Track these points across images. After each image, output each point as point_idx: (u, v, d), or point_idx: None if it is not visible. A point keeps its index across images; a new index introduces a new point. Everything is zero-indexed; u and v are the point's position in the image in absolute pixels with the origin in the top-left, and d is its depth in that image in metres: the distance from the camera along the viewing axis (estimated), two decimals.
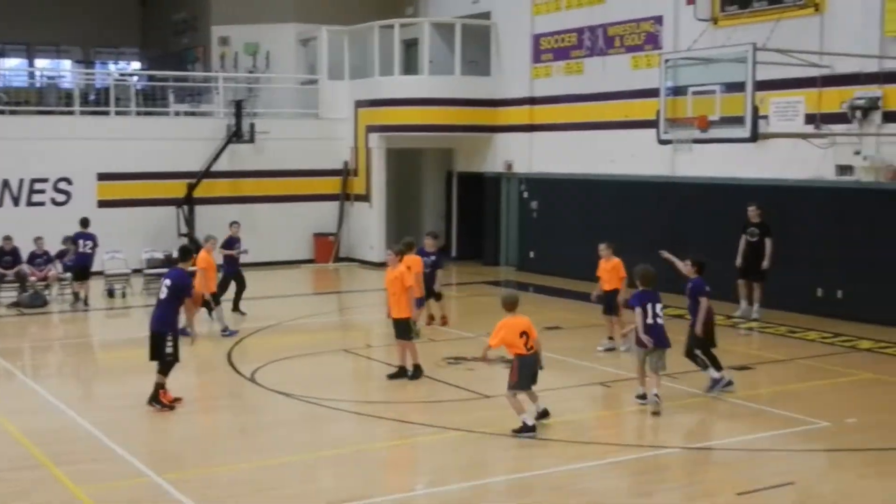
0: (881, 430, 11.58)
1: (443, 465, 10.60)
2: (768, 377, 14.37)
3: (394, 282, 13.92)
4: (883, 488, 9.64)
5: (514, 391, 11.37)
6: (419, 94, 26.98)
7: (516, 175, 26.96)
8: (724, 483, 9.93)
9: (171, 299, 12.55)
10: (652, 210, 22.49)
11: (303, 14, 30.73)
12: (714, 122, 16.76)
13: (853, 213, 18.60)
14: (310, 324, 19.36)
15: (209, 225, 26.00)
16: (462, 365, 15.01)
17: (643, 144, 21.55)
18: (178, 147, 26.33)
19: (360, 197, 28.33)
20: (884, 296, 18.01)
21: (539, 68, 26.10)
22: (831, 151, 18.70)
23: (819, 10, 18.94)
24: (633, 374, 13.72)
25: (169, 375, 12.45)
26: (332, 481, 10.14)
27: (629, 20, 23.32)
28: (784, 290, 19.22)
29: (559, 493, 9.54)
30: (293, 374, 14.82)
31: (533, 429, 11.25)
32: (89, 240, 21.37)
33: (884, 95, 17.95)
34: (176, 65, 33.83)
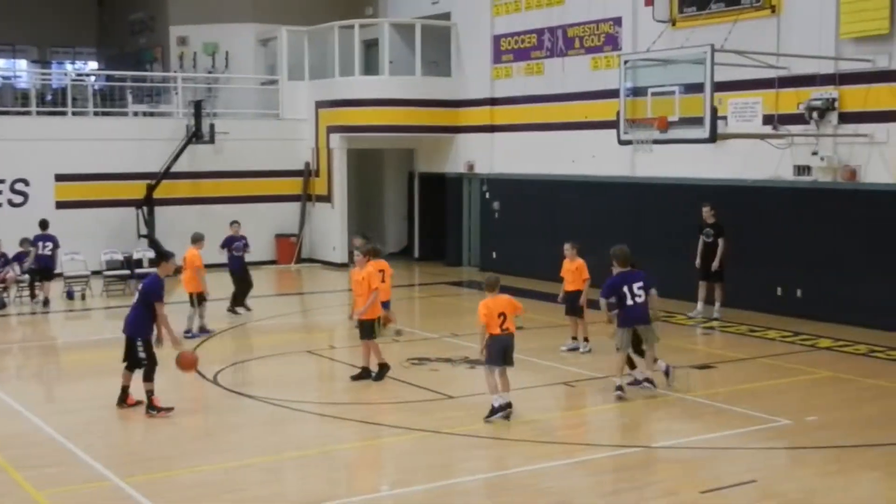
0: (841, 427, 11.72)
1: (408, 466, 10.60)
2: (730, 376, 14.49)
3: (361, 283, 13.91)
4: (844, 485, 9.76)
5: (489, 366, 11.92)
6: (380, 95, 26.97)
7: (478, 175, 27.02)
8: (687, 481, 10.01)
9: (141, 304, 12.47)
10: (612, 210, 22.62)
11: (262, 14, 30.63)
12: (673, 122, 16.92)
13: (811, 213, 18.81)
14: (273, 325, 19.29)
15: (169, 226, 25.93)
16: (426, 366, 15.03)
17: (603, 145, 21.68)
18: (137, 148, 26.14)
19: (321, 198, 28.27)
20: (843, 295, 18.23)
21: (499, 69, 26.18)
22: (789, 152, 18.90)
23: (776, 12, 19.14)
24: (597, 374, 13.84)
25: (154, 380, 12.29)
26: (297, 483, 10.12)
27: (588, 21, 23.44)
28: (744, 290, 19.41)
29: (524, 493, 9.58)
30: (256, 376, 14.79)
31: (501, 410, 11.75)
32: (49, 241, 21.19)
33: (840, 96, 18.16)
34: (134, 65, 33.58)
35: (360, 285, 13.94)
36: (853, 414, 12.36)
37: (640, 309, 12.82)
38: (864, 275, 17.91)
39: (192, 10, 31.27)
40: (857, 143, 17.99)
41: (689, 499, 9.44)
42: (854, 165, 18.10)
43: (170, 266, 13.18)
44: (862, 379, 14.17)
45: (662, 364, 13.40)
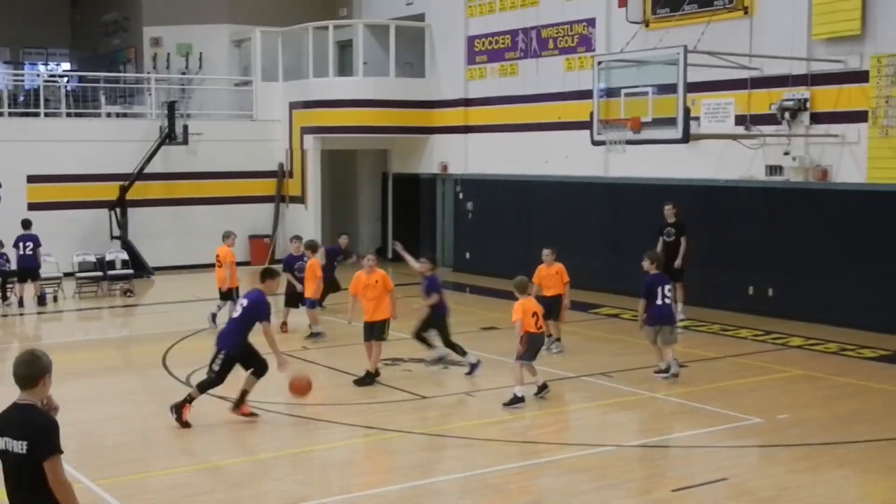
0: (812, 425, 11.79)
1: (381, 467, 10.60)
2: (702, 375, 14.54)
3: (374, 286, 13.89)
4: (815, 482, 9.82)
5: (521, 361, 12.69)
6: (354, 96, 26.95)
7: (452, 176, 27.04)
8: (659, 480, 10.06)
9: (242, 319, 12.06)
10: (586, 210, 22.68)
11: (236, 15, 30.54)
12: (646, 123, 16.99)
13: (783, 213, 18.92)
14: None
15: (142, 227, 25.85)
16: (399, 366, 15.01)
17: (577, 145, 21.75)
18: (110, 149, 26.01)
19: (295, 199, 28.22)
20: (814, 294, 18.36)
21: (473, 70, 26.21)
22: (761, 152, 19.01)
23: (748, 13, 19.24)
24: (570, 374, 13.90)
25: (203, 393, 12.01)
26: (270, 484, 10.08)
27: (562, 22, 23.49)
28: (716, 289, 19.51)
29: (497, 493, 9.60)
30: (229, 377, 14.68)
31: (522, 399, 12.56)
32: (30, 241, 21.05)
33: (811, 97, 18.29)
34: (107, 66, 33.41)
35: (374, 288, 13.90)
36: (824, 412, 12.43)
37: (668, 309, 14.08)
38: (835, 274, 18.03)
39: (165, 11, 31.14)
40: (829, 143, 18.11)
41: (660, 497, 9.48)
42: (826, 165, 18.23)
43: (275, 284, 12.55)
44: (833, 377, 14.26)
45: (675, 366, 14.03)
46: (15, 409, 5.90)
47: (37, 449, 5.75)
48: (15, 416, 5.87)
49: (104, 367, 15.69)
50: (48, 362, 5.95)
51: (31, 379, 5.88)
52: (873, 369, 14.81)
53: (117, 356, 17.07)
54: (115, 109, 29.18)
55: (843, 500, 9.51)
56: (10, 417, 5.89)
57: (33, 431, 5.79)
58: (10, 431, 5.84)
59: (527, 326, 12.62)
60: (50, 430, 5.81)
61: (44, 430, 5.80)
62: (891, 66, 17.08)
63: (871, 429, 11.59)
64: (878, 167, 17.37)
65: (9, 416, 5.91)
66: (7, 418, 5.91)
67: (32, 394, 5.89)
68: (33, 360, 5.90)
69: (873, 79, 17.34)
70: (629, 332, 17.02)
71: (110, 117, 28.54)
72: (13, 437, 5.80)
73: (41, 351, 5.99)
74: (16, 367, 5.89)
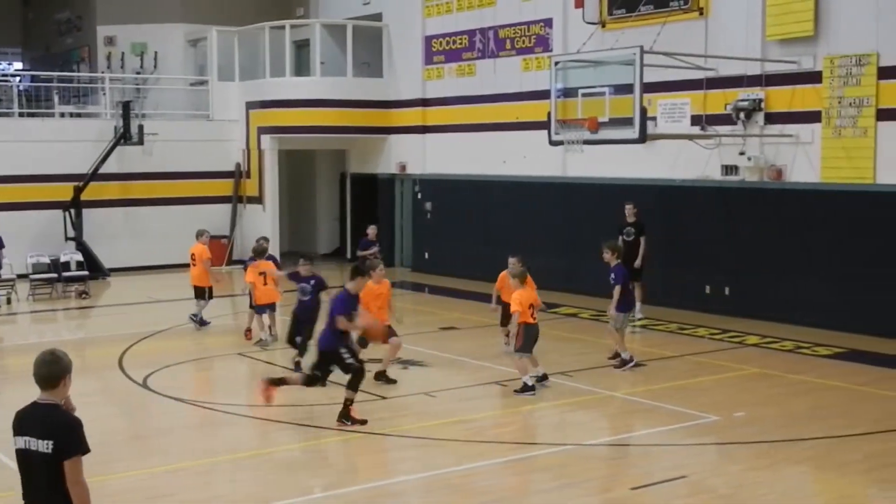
0: (768, 422, 11.90)
1: (342, 468, 10.57)
2: (659, 374, 14.63)
3: (381, 296, 13.90)
4: (771, 479, 9.91)
5: (521, 354, 13.16)
6: (311, 96, 26.86)
7: (410, 176, 27.03)
8: (618, 478, 10.11)
9: (331, 317, 11.89)
10: (544, 210, 22.76)
11: (191, 14, 30.33)
12: (604, 123, 17.06)
13: (739, 212, 19.09)
14: (203, 328, 19.06)
15: (97, 228, 25.59)
16: None
17: (535, 145, 21.81)
18: (64, 149, 25.74)
19: (252, 199, 28.08)
20: (769, 292, 18.54)
21: (431, 70, 26.21)
22: (717, 152, 19.17)
23: (703, 14, 19.40)
24: (530, 374, 13.90)
25: (357, 391, 11.83)
26: (229, 486, 10.03)
27: (519, 23, 23.56)
28: (673, 288, 19.66)
29: (458, 493, 9.60)
30: (187, 379, 14.63)
31: (532, 388, 13.07)
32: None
33: (766, 97, 18.48)
34: (60, 65, 33.08)
35: (379, 298, 13.81)
36: (780, 409, 12.55)
37: (633, 296, 15.28)
38: (790, 273, 18.22)
39: (119, 9, 30.85)
40: (783, 143, 18.30)
41: (620, 495, 9.53)
42: (780, 165, 18.42)
43: (363, 283, 12.25)
44: (788, 375, 14.41)
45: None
46: (37, 409, 5.89)
47: (63, 448, 5.75)
48: (38, 416, 5.85)
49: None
50: (69, 362, 5.97)
51: (52, 379, 5.88)
52: (828, 367, 14.98)
53: (73, 358, 16.76)
54: (68, 109, 28.90)
55: (800, 496, 9.62)
56: (33, 417, 5.87)
57: (60, 430, 5.78)
58: (33, 431, 5.82)
59: (524, 318, 13.07)
60: (77, 429, 5.83)
61: (71, 428, 5.81)
62: (843, 67, 17.29)
63: (826, 426, 11.71)
64: (832, 167, 17.58)
65: (30, 416, 5.89)
66: (28, 417, 5.89)
67: (53, 394, 5.89)
68: (55, 361, 5.90)
69: (826, 79, 17.54)
70: (588, 332, 17.13)
71: (64, 117, 28.25)
72: (37, 437, 5.78)
73: (62, 351, 5.99)
74: (37, 367, 5.90)
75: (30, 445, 5.81)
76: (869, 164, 17.05)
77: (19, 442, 5.89)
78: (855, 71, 17.14)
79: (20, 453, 5.89)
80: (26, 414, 5.92)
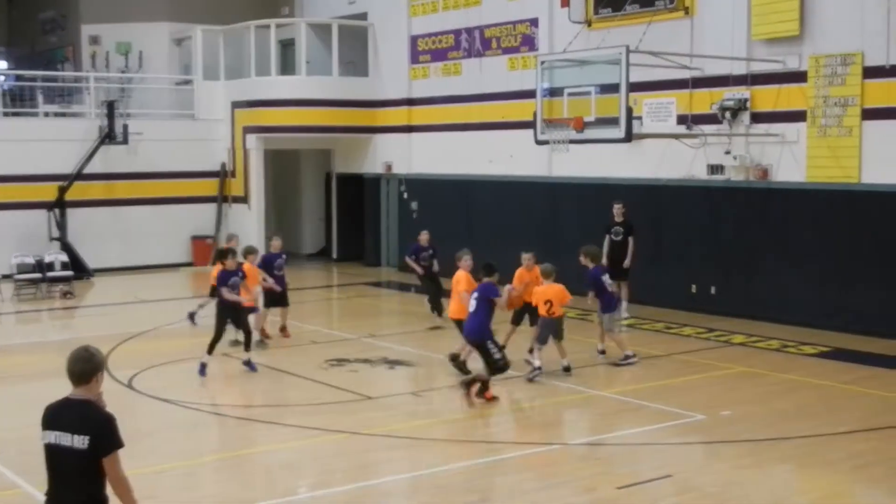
0: (754, 421, 11.92)
1: (327, 468, 10.53)
2: (646, 373, 14.64)
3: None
4: (757, 477, 9.91)
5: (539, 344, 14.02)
6: (296, 95, 26.80)
7: (396, 176, 26.99)
8: (604, 478, 10.09)
9: (480, 307, 12.82)
10: (530, 210, 22.75)
11: (176, 13, 30.22)
12: (589, 122, 17.04)
13: (725, 211, 19.12)
14: (188, 328, 18.99)
15: (82, 228, 25.48)
16: (345, 367, 14.95)
17: (521, 145, 21.80)
18: (49, 149, 25.58)
19: (238, 199, 27.99)
20: (755, 291, 18.57)
21: (417, 69, 26.18)
22: (703, 151, 19.19)
23: (689, 14, 19.41)
24: (517, 373, 13.93)
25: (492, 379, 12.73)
26: (214, 487, 9.99)
27: (505, 22, 23.55)
28: (660, 288, 19.67)
29: (444, 493, 9.57)
30: (172, 380, 14.54)
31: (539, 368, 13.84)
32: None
33: (751, 97, 18.50)
34: (45, 64, 32.91)
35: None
36: (766, 408, 12.57)
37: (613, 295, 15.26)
38: (776, 272, 18.26)
39: (104, 8, 30.72)
40: (769, 142, 18.33)
41: (606, 495, 9.52)
42: (766, 164, 18.45)
43: (495, 278, 13.25)
44: (774, 374, 14.43)
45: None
46: (71, 405, 5.94)
47: (100, 444, 5.81)
48: (73, 411, 5.91)
49: (44, 371, 15.32)
50: (102, 359, 6.06)
51: (85, 375, 5.95)
52: (813, 365, 15.01)
53: (58, 359, 16.71)
54: (53, 109, 28.76)
55: (786, 494, 9.63)
56: (66, 412, 5.92)
57: (96, 426, 5.85)
58: (66, 426, 5.86)
59: (539, 312, 13.92)
60: (113, 425, 5.91)
61: (107, 424, 5.90)
62: (829, 67, 17.32)
63: (812, 424, 11.73)
64: (817, 166, 17.62)
65: (63, 411, 5.94)
66: (61, 413, 5.94)
67: (86, 390, 5.96)
68: (88, 358, 5.97)
69: (812, 79, 17.58)
70: (574, 331, 17.08)
71: (48, 117, 28.14)
72: (73, 432, 5.82)
73: (95, 348, 6.06)
74: (70, 364, 5.96)
75: (61, 441, 5.86)
76: (854, 164, 17.09)
77: (49, 436, 5.93)
78: (840, 70, 17.18)
79: (50, 448, 5.94)
80: (58, 409, 5.98)
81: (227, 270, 14.78)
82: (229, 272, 14.77)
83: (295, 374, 14.57)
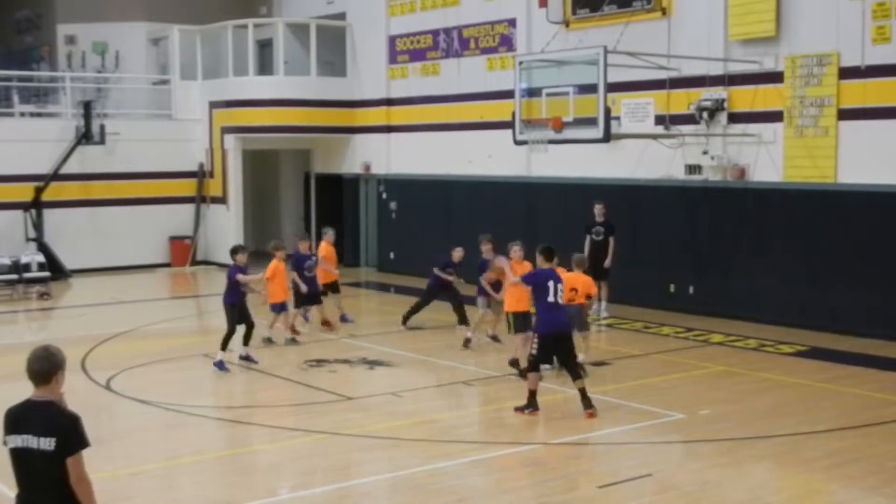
0: (733, 420, 11.98)
1: (307, 469, 10.52)
2: (625, 372, 14.70)
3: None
4: (736, 476, 9.96)
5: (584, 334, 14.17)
6: (275, 95, 26.74)
7: (375, 176, 26.97)
8: (584, 477, 10.13)
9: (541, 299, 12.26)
10: (509, 210, 22.77)
11: (153, 13, 30.09)
12: (568, 123, 17.10)
13: (703, 211, 19.21)
14: (167, 329, 18.94)
15: (58, 229, 25.33)
16: (324, 367, 14.93)
17: (499, 145, 21.83)
18: (24, 149, 25.43)
19: (216, 199, 27.90)
20: (733, 291, 18.66)
21: (395, 69, 26.17)
22: (680, 151, 19.27)
23: (666, 14, 19.48)
24: (496, 373, 13.95)
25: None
26: (193, 488, 9.96)
27: (483, 22, 23.57)
28: (638, 287, 19.74)
29: (423, 493, 9.57)
30: (151, 381, 14.49)
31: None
32: None
33: (728, 97, 18.59)
34: (20, 64, 32.67)
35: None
36: (744, 407, 12.64)
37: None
38: (753, 271, 18.35)
39: (80, 8, 30.55)
40: (746, 142, 18.42)
41: (587, 494, 9.55)
42: (743, 164, 18.54)
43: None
44: (752, 373, 14.51)
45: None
46: (33, 406, 5.88)
47: (65, 445, 5.74)
48: (36, 414, 5.84)
49: (20, 372, 15.31)
50: (62, 358, 5.99)
51: (44, 375, 5.90)
52: (791, 364, 15.09)
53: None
54: (28, 109, 28.61)
55: (764, 493, 9.66)
56: (30, 414, 5.85)
57: (61, 427, 5.80)
58: (31, 429, 5.80)
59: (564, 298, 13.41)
60: (78, 425, 5.85)
61: (72, 424, 5.84)
62: (805, 67, 17.43)
63: (789, 422, 11.80)
64: (794, 166, 17.72)
65: (27, 413, 5.87)
66: (25, 415, 5.87)
67: (48, 390, 5.91)
68: (48, 357, 5.93)
69: (788, 79, 17.68)
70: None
71: (24, 117, 27.99)
72: (38, 434, 5.76)
73: (55, 347, 6.01)
74: (30, 363, 5.91)
75: (28, 444, 5.79)
76: (830, 164, 17.20)
77: (15, 440, 5.86)
78: (816, 71, 17.29)
79: (17, 452, 5.87)
80: (21, 412, 5.90)
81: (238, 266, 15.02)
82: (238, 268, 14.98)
83: (274, 375, 14.54)
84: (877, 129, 16.62)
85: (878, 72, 16.53)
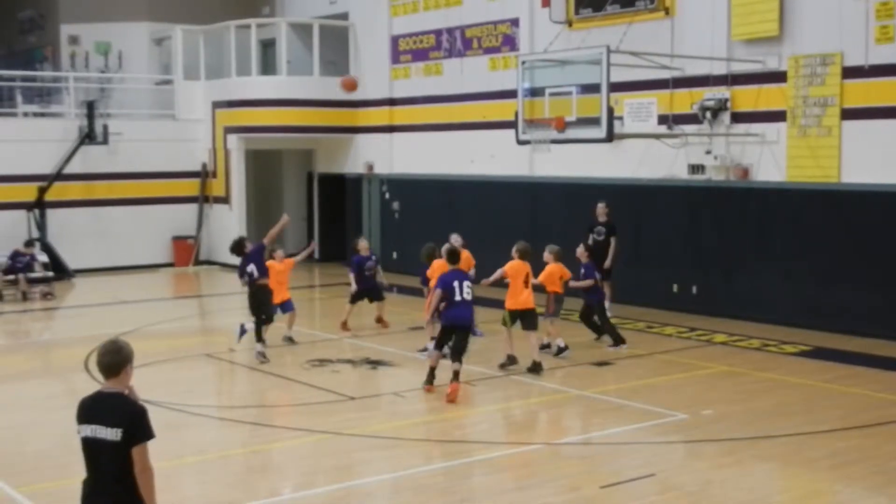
0: (736, 420, 11.96)
1: (309, 469, 10.52)
2: (628, 372, 14.68)
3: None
4: (738, 476, 9.95)
5: (551, 318, 15.25)
6: (277, 95, 26.76)
7: (377, 176, 26.98)
8: (587, 477, 10.11)
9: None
10: (511, 210, 22.77)
11: (156, 13, 30.12)
12: (570, 122, 17.09)
13: (705, 211, 19.19)
14: (170, 329, 18.96)
15: (61, 229, 25.35)
16: (327, 367, 14.93)
17: (502, 145, 21.82)
18: (28, 149, 25.49)
19: (219, 199, 27.93)
20: (737, 290, 18.65)
21: (398, 69, 26.17)
22: (683, 151, 19.25)
23: (669, 14, 19.47)
24: (498, 374, 13.93)
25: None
26: (195, 488, 9.95)
27: (486, 22, 23.57)
28: (641, 287, 19.72)
29: (426, 493, 9.57)
30: (154, 381, 14.47)
31: (566, 347, 15.24)
32: None
33: (732, 97, 18.58)
34: (23, 64, 32.75)
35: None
36: (747, 407, 12.62)
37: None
38: (756, 271, 18.34)
39: (83, 8, 30.59)
40: (749, 142, 18.41)
41: (589, 494, 9.54)
42: (746, 164, 18.52)
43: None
44: (755, 373, 14.50)
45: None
46: (103, 398, 6.06)
47: (133, 435, 5.93)
48: (105, 405, 6.03)
49: (24, 372, 15.34)
50: (130, 351, 6.14)
51: (114, 367, 6.06)
52: (794, 364, 15.08)
53: (37, 360, 16.70)
54: (32, 109, 28.65)
55: (766, 493, 9.66)
56: (100, 405, 6.04)
57: (129, 418, 5.98)
58: (100, 419, 5.98)
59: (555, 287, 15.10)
60: (145, 416, 6.03)
61: (139, 416, 6.01)
62: (808, 67, 17.41)
63: (792, 423, 11.79)
64: (797, 166, 17.70)
65: (97, 404, 6.06)
66: (95, 406, 6.06)
67: (116, 382, 6.08)
68: (117, 350, 6.07)
69: (791, 79, 17.66)
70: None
71: (27, 117, 28.02)
72: (107, 425, 5.95)
73: (124, 340, 6.16)
74: (100, 357, 6.07)
75: (97, 434, 5.99)
76: (834, 164, 17.18)
77: (86, 430, 6.05)
78: (819, 70, 17.27)
79: (87, 441, 6.06)
80: (92, 403, 6.10)
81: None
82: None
83: (277, 375, 14.54)
84: (880, 129, 16.61)
85: (881, 71, 16.51)
